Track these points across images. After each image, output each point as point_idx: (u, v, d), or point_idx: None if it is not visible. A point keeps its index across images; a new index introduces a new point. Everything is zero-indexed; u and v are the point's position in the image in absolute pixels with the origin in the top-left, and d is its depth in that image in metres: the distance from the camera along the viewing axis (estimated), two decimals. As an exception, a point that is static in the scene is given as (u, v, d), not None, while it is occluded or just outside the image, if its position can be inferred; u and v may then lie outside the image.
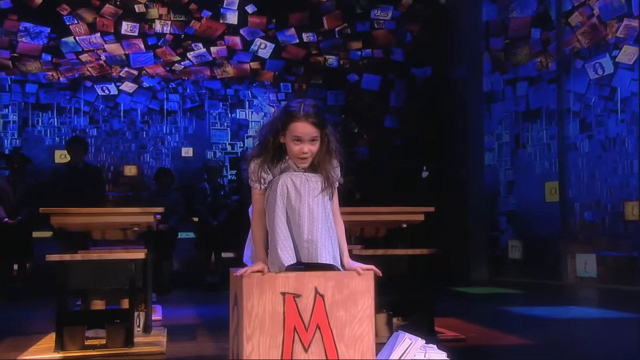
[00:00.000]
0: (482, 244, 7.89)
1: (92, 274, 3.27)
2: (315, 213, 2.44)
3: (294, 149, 2.49)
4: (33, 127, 7.33)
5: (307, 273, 2.33)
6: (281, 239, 2.41)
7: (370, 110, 8.18)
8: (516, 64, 7.60)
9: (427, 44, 8.31)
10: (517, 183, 7.61)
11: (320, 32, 8.09)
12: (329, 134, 2.56)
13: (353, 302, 2.34)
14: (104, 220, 3.56)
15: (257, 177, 2.54)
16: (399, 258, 3.84)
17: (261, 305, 2.28)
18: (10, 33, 7.20)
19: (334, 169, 2.57)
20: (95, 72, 7.47)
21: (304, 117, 2.47)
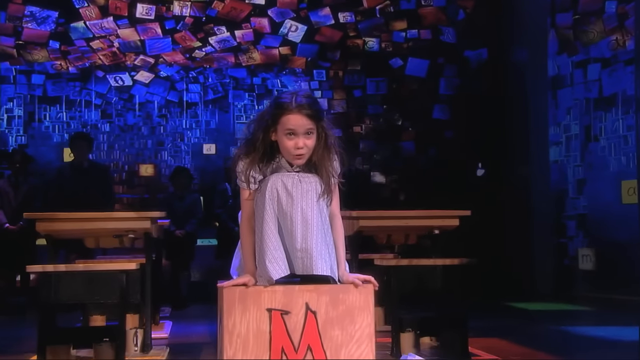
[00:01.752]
0: (547, 252, 7.70)
1: (78, 286, 3.30)
2: (310, 218, 2.39)
3: (288, 144, 2.45)
4: (40, 123, 7.52)
5: (296, 287, 2.29)
6: (270, 249, 2.37)
7: (417, 100, 8.07)
8: (587, 44, 7.36)
9: (482, 22, 8.14)
10: (589, 182, 7.38)
11: (359, 12, 8.03)
12: (325, 127, 2.51)
13: (350, 320, 2.30)
14: (96, 227, 3.60)
15: (246, 177, 2.51)
16: (429, 269, 3.74)
17: (244, 324, 2.25)
18: (14, 18, 7.40)
19: (333, 163, 2.53)
20: (108, 61, 7.60)
21: (297, 108, 2.43)
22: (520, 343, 4.39)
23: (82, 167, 6.28)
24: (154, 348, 3.93)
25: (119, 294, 3.28)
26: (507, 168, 7.96)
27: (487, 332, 4.88)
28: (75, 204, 5.84)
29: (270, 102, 2.59)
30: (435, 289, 3.81)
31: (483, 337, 4.57)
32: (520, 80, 7.90)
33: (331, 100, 8.07)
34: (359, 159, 7.94)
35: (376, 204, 7.82)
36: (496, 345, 4.21)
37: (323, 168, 2.50)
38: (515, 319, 5.94)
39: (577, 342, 4.62)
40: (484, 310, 6.38)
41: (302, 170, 2.51)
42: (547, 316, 6.25)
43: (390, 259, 3.87)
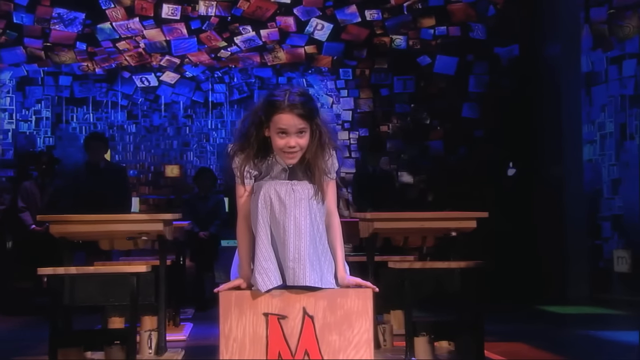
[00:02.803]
0: (581, 255, 7.56)
1: (89, 289, 3.35)
2: (303, 227, 2.38)
3: (280, 143, 2.45)
4: (67, 124, 7.67)
5: (293, 291, 2.28)
6: (259, 260, 2.37)
7: (445, 98, 8.00)
8: (623, 39, 7.22)
9: (514, 18, 8.03)
10: (624, 182, 7.23)
11: (386, 9, 7.98)
12: (320, 125, 2.50)
13: (348, 325, 2.28)
14: (109, 229, 3.65)
15: (241, 173, 2.52)
16: (443, 272, 3.71)
17: (240, 328, 2.25)
18: (42, 20, 7.54)
19: (327, 161, 2.51)
20: (134, 62, 7.70)
21: (288, 107, 2.42)
22: (541, 348, 4.34)
23: (98, 167, 6.35)
24: (169, 350, 3.97)
25: (130, 297, 3.31)
26: (539, 168, 7.83)
27: (512, 336, 4.84)
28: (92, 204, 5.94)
29: (263, 97, 2.58)
30: (450, 293, 3.78)
31: (504, 342, 4.53)
32: (553, 77, 7.76)
33: (357, 99, 8.05)
34: (386, 159, 7.88)
35: (403, 204, 7.81)
36: (515, 350, 4.17)
37: (316, 167, 2.49)
38: (544, 323, 5.86)
39: (603, 348, 4.54)
40: (514, 313, 6.32)
41: (296, 171, 2.51)
42: (579, 320, 6.17)
43: (403, 262, 3.83)
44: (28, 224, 6.42)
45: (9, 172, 7.43)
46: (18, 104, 7.63)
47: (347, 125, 8.03)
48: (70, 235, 3.65)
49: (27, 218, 6.44)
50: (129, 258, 5.43)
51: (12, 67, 7.58)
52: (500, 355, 3.97)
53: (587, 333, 5.22)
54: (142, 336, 3.75)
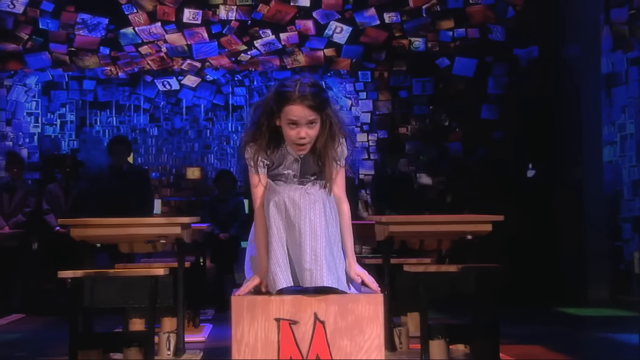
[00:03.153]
0: (601, 256, 7.51)
1: (108, 292, 3.41)
2: (319, 229, 2.42)
3: (290, 133, 2.48)
4: (91, 127, 7.78)
5: (305, 297, 2.32)
6: (272, 261, 2.40)
7: (464, 100, 7.98)
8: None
9: (533, 19, 7.99)
10: (645, 183, 7.17)
11: (405, 11, 7.98)
12: (330, 115, 2.52)
13: (359, 330, 2.32)
14: (128, 232, 3.71)
15: (255, 162, 2.55)
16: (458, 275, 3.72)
17: (252, 333, 2.29)
18: (67, 26, 7.64)
19: (337, 149, 2.53)
20: (156, 66, 7.78)
21: (299, 99, 2.44)
22: (557, 350, 4.33)
23: (121, 170, 6.45)
24: (187, 352, 4.02)
25: (148, 300, 3.37)
26: (559, 169, 7.78)
27: (529, 338, 4.83)
28: (115, 207, 6.03)
29: (274, 87, 2.60)
30: (465, 296, 3.79)
31: (521, 344, 4.53)
32: (573, 78, 7.70)
33: (376, 101, 8.06)
34: (405, 161, 7.90)
35: (422, 206, 7.81)
36: (531, 352, 4.18)
37: (327, 156, 2.52)
38: (562, 325, 5.83)
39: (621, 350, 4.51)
40: (533, 315, 6.29)
41: (308, 161, 2.53)
42: (598, 322, 6.13)
43: (418, 266, 3.85)
44: (52, 225, 6.54)
45: (35, 175, 7.55)
46: (43, 107, 7.76)
47: (366, 127, 8.05)
48: (90, 238, 3.72)
49: (51, 220, 6.56)
50: (151, 260, 5.49)
51: (37, 71, 7.69)
52: (516, 358, 3.97)
53: (605, 335, 5.20)
54: (160, 338, 3.81)
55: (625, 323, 6.01)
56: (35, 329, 5.80)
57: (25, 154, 7.53)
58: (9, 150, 7.36)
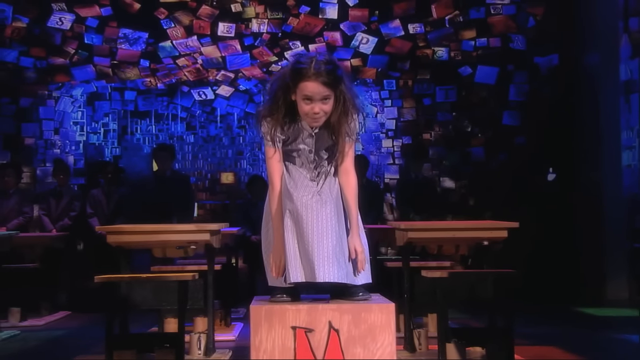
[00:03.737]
0: (620, 257, 7.37)
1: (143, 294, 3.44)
2: (330, 227, 2.43)
3: (305, 108, 2.48)
4: (132, 135, 7.85)
5: (320, 306, 2.33)
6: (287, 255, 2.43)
7: (486, 107, 7.91)
8: (660, 47, 7.00)
9: (553, 29, 7.86)
10: (663, 187, 7.02)
11: (429, 22, 7.93)
12: (344, 91, 2.51)
13: (372, 338, 2.31)
14: (160, 239, 3.74)
15: (272, 137, 2.56)
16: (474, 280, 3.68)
17: (270, 340, 2.30)
18: (110, 40, 7.75)
19: (350, 124, 2.54)
20: (192, 77, 7.84)
21: (314, 75, 2.44)
22: (572, 351, 4.25)
23: (165, 176, 6.53)
24: (217, 351, 4.04)
25: (177, 302, 3.40)
26: (579, 173, 7.66)
27: (546, 339, 4.77)
28: (159, 210, 6.12)
29: (291, 62, 2.59)
30: (482, 300, 3.74)
31: (537, 345, 4.47)
32: (592, 85, 7.58)
33: (401, 108, 8.03)
34: (428, 165, 7.85)
35: (445, 208, 7.76)
36: (547, 354, 4.12)
37: (339, 132, 2.52)
38: (581, 326, 5.73)
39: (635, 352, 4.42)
40: (552, 315, 6.21)
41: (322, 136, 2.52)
42: (615, 323, 6.00)
43: (435, 272, 3.81)
44: (95, 228, 6.62)
45: (80, 180, 7.66)
46: (88, 117, 7.86)
47: (391, 133, 8.02)
48: (125, 244, 3.76)
49: (94, 223, 6.65)
50: (187, 261, 5.54)
51: (83, 83, 7.79)
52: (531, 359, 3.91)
53: (621, 337, 5.09)
54: (192, 338, 3.84)
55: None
56: (80, 325, 5.88)
57: (71, 161, 7.64)
58: (57, 157, 7.48)
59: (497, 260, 5.85)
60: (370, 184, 7.46)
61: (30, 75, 7.64)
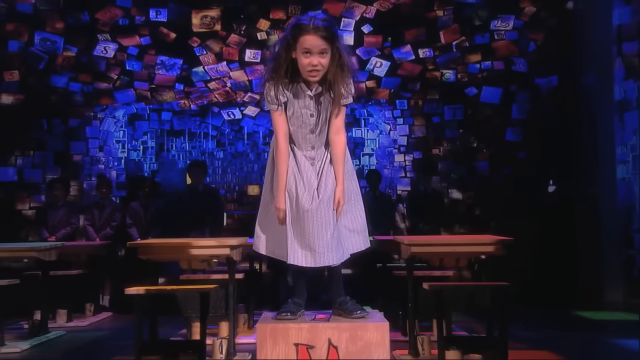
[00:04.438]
0: (616, 263, 7.33)
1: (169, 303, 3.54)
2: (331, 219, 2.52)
3: (304, 61, 2.56)
4: (168, 152, 7.99)
5: (320, 324, 2.41)
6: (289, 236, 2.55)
7: (491, 124, 7.91)
8: (651, 70, 6.96)
9: (552, 52, 7.87)
10: (655, 198, 6.96)
11: (437, 47, 7.98)
12: (340, 48, 2.58)
13: (368, 354, 2.39)
14: (185, 253, 3.85)
15: (272, 99, 2.64)
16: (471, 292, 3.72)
17: (274, 356, 2.39)
18: (148, 67, 7.91)
19: (347, 85, 2.61)
20: (222, 99, 7.97)
21: (313, 29, 2.53)
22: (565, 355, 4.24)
23: (198, 190, 6.66)
24: (238, 354, 4.13)
25: (199, 311, 3.48)
26: (578, 186, 7.65)
27: (542, 343, 4.75)
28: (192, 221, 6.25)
29: (291, 22, 2.66)
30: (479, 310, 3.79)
31: (531, 350, 4.47)
32: (589, 104, 7.57)
33: (412, 126, 8.06)
34: (437, 178, 7.88)
35: (453, 218, 7.79)
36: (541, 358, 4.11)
37: (336, 85, 2.59)
38: (576, 330, 5.68)
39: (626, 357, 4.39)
40: (551, 319, 6.18)
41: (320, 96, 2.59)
42: (610, 327, 5.96)
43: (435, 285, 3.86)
44: (134, 237, 6.78)
45: (122, 193, 7.80)
46: (129, 136, 8.01)
47: (403, 149, 8.06)
48: (154, 258, 3.87)
49: (133, 233, 6.81)
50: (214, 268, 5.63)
51: (124, 105, 7.94)
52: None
53: (614, 341, 5.05)
54: (214, 343, 3.93)
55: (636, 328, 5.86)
56: (121, 326, 5.96)
57: (114, 176, 7.80)
58: (100, 173, 7.63)
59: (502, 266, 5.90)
60: (383, 197, 7.53)
61: (78, 99, 7.80)
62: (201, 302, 3.43)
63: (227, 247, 3.77)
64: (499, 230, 7.53)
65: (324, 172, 2.63)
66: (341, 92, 2.60)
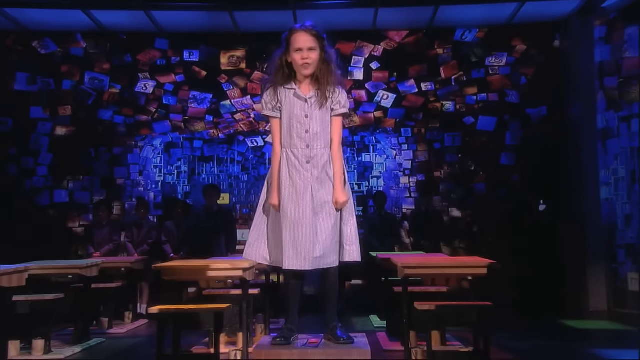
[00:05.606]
0: (601, 276, 7.23)
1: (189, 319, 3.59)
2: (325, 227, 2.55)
3: (296, 58, 2.68)
4: (199, 176, 8.08)
5: (309, 351, 2.44)
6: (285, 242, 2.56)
7: (487, 150, 7.90)
8: (630, 102, 6.89)
9: (541, 86, 7.85)
10: (635, 217, 6.86)
11: (438, 81, 8.00)
12: (325, 47, 2.69)
13: (351, 376, 2.41)
14: (203, 275, 3.90)
15: (270, 107, 2.79)
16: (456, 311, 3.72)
17: (270, 376, 2.42)
18: (182, 101, 8.06)
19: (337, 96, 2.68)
20: (246, 128, 8.07)
21: (302, 29, 2.71)
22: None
23: (213, 210, 6.73)
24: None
25: (214, 327, 3.51)
26: (565, 205, 7.59)
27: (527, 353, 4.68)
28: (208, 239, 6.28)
29: None
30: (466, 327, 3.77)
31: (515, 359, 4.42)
32: (575, 132, 7.53)
33: (416, 151, 8.07)
34: (438, 198, 7.87)
35: (454, 234, 7.76)
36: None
37: (325, 79, 2.68)
38: (561, 340, 5.54)
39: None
40: (539, 328, 6.08)
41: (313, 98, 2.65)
42: (593, 336, 5.84)
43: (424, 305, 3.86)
44: (168, 253, 6.87)
45: (159, 212, 7.92)
46: (165, 161, 8.11)
47: (407, 172, 8.07)
48: (176, 279, 3.94)
49: (167, 249, 6.90)
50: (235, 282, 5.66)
51: (161, 135, 8.06)
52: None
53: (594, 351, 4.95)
54: (230, 353, 3.97)
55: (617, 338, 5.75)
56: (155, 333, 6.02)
57: (152, 197, 7.91)
58: (139, 196, 7.76)
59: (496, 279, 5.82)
60: (388, 216, 7.54)
61: (121, 130, 7.97)
62: (215, 320, 3.47)
63: (240, 269, 3.82)
64: (494, 245, 7.54)
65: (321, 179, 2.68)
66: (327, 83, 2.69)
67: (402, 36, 8.02)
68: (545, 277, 7.36)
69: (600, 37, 7.31)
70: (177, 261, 4.41)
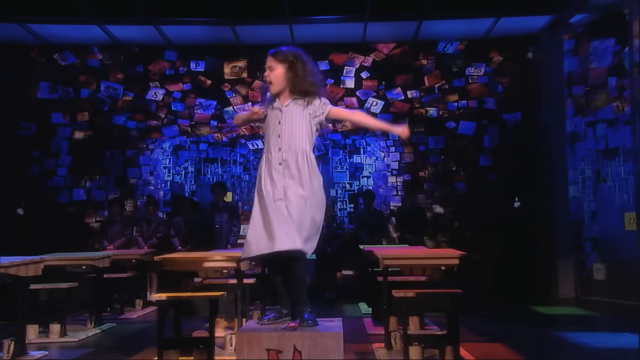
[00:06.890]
0: (569, 266, 7.29)
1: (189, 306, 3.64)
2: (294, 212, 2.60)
3: None
4: (204, 176, 8.11)
5: (287, 333, 2.49)
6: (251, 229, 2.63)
7: (467, 151, 7.93)
8: (596, 108, 6.94)
9: (516, 93, 7.88)
10: (600, 213, 6.93)
11: (422, 89, 8.03)
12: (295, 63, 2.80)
13: (326, 356, 2.45)
14: (201, 265, 3.93)
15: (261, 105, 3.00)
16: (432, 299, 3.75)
17: (251, 357, 2.45)
18: (189, 107, 8.10)
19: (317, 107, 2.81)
20: (248, 132, 8.11)
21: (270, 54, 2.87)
22: (515, 349, 4.18)
23: (219, 206, 6.76)
24: (247, 345, 4.21)
25: (209, 313, 3.53)
26: (537, 202, 7.63)
27: (496, 336, 4.70)
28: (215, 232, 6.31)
29: None
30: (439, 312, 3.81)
31: (486, 342, 4.44)
32: (546, 135, 7.56)
33: (402, 153, 8.10)
34: (423, 196, 7.91)
35: (437, 228, 7.80)
36: (492, 351, 4.08)
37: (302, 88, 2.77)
38: (530, 324, 5.54)
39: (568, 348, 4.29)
40: (511, 313, 6.10)
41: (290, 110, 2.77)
42: (560, 321, 5.84)
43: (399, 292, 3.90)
44: (176, 246, 6.91)
45: (167, 209, 7.95)
46: (173, 163, 8.14)
47: (395, 172, 8.10)
48: (176, 269, 3.97)
49: (175, 242, 6.93)
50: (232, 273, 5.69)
51: (170, 139, 8.09)
52: (477, 357, 3.91)
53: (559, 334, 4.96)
54: (225, 337, 4.01)
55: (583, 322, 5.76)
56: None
57: (161, 195, 7.95)
58: (149, 194, 7.79)
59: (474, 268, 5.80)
60: (377, 212, 7.58)
61: (133, 134, 8.00)
62: (210, 306, 3.50)
63: (234, 260, 3.86)
64: (473, 238, 7.58)
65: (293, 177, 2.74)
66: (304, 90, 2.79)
67: (390, 48, 8.05)
68: (518, 267, 7.40)
69: (569, 49, 7.35)
70: (177, 253, 4.44)
